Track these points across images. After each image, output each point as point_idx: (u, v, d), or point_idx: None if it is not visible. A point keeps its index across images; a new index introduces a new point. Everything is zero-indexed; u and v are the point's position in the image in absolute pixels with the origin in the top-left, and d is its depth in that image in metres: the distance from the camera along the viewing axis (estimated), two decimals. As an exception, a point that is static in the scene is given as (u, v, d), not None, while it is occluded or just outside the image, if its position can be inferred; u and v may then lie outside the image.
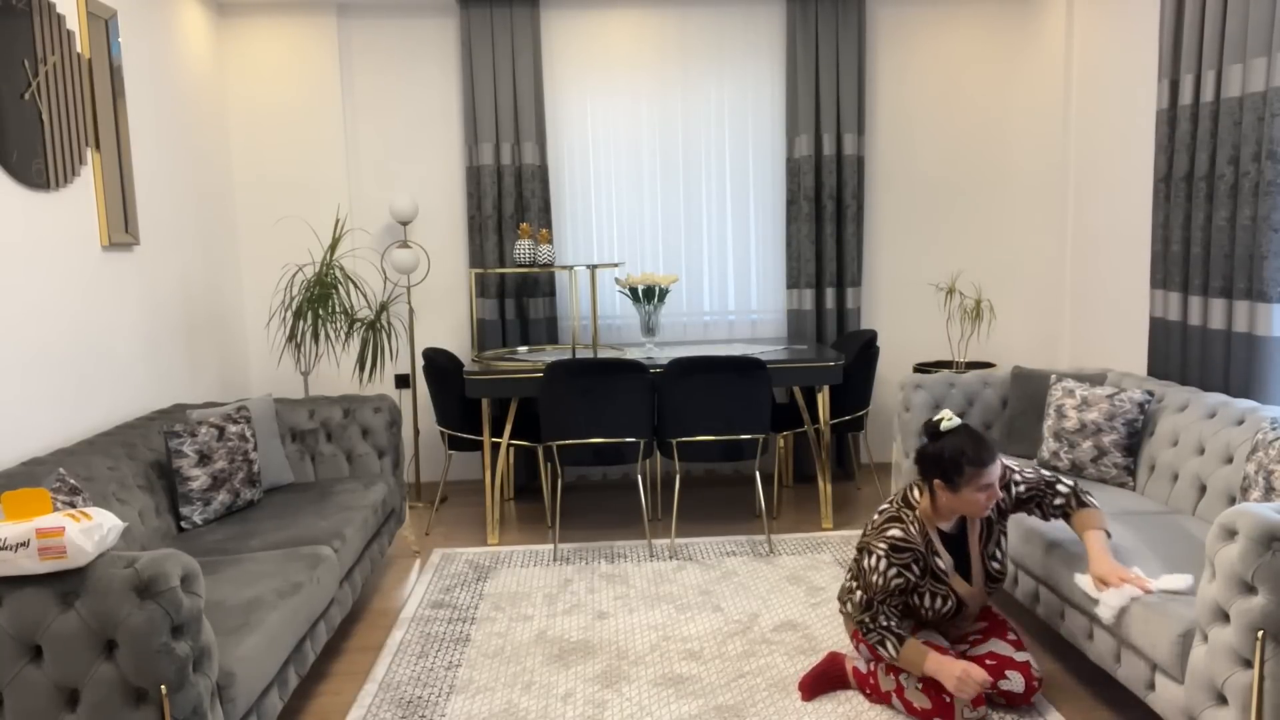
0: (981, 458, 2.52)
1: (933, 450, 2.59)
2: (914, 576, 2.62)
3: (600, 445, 4.06)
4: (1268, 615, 1.97)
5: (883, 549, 2.61)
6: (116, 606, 1.95)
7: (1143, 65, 4.03)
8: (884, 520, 2.67)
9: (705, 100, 5.11)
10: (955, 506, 2.59)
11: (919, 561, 2.62)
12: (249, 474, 3.42)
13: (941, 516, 2.67)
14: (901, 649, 2.60)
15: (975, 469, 2.51)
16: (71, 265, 3.30)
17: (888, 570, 2.60)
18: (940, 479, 2.57)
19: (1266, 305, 3.13)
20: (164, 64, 4.17)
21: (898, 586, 2.61)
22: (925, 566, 2.64)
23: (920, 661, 2.56)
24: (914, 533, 2.63)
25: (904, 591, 2.64)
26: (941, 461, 2.55)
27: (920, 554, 2.62)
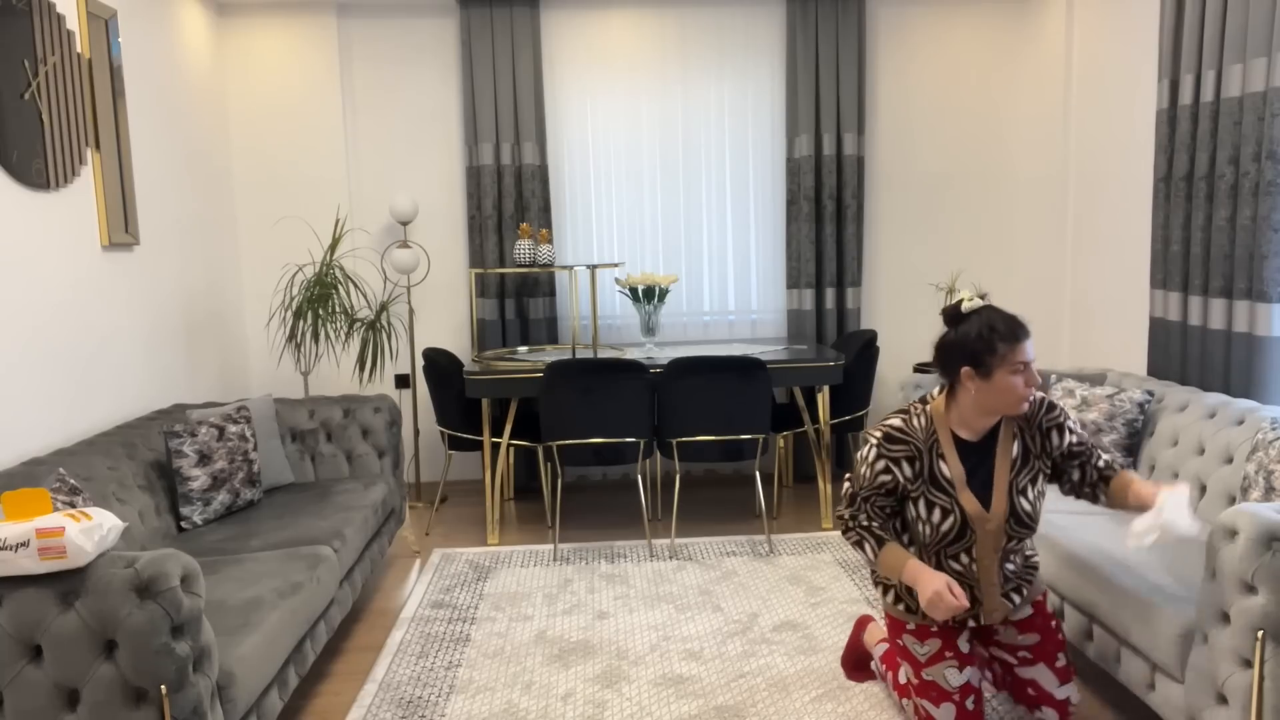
0: (1015, 332, 2.21)
1: (956, 335, 2.27)
2: (904, 477, 2.33)
3: (600, 445, 4.06)
4: (1268, 615, 1.97)
5: (876, 437, 2.35)
6: (116, 606, 1.95)
7: (1143, 65, 4.03)
8: (891, 413, 2.41)
9: (705, 100, 5.11)
10: (988, 400, 2.25)
11: (915, 461, 2.33)
12: (249, 474, 3.42)
13: (966, 418, 2.32)
14: (881, 551, 2.34)
15: (1009, 345, 2.20)
16: (71, 265, 3.30)
17: (875, 461, 2.34)
18: (969, 364, 2.24)
19: (1266, 305, 3.13)
20: (164, 64, 4.17)
21: (884, 485, 2.34)
22: (923, 469, 2.34)
23: (899, 567, 2.30)
24: (917, 426, 2.33)
25: (892, 493, 2.36)
26: (969, 343, 2.24)
27: (918, 451, 2.33)
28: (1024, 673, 2.48)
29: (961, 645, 2.46)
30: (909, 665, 2.50)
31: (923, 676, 2.46)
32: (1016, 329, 2.22)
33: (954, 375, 2.29)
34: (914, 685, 2.49)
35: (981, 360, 2.23)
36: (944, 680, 2.43)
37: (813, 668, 2.98)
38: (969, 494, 2.32)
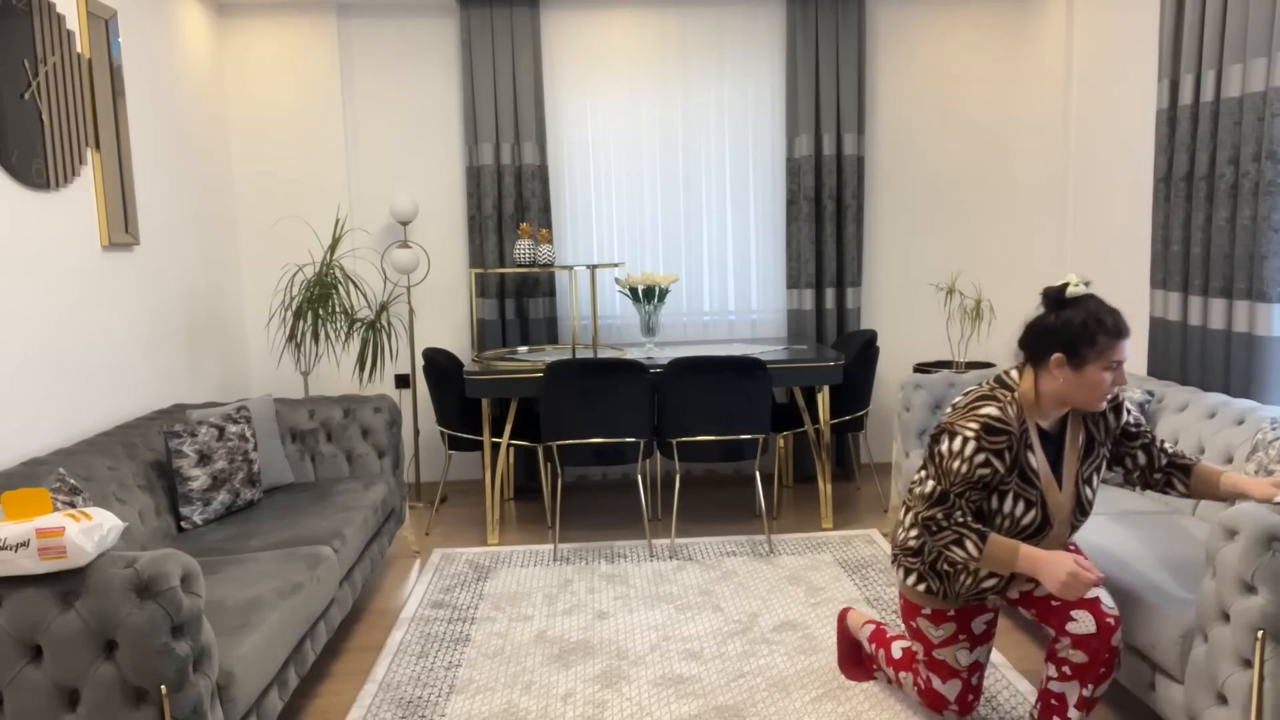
0: (1119, 328, 2.11)
1: (1058, 319, 2.15)
2: (1002, 468, 2.19)
3: (600, 445, 4.06)
4: (1268, 615, 1.97)
5: (973, 429, 2.17)
6: (116, 606, 1.95)
7: (1143, 65, 4.03)
8: (975, 399, 2.24)
9: (705, 100, 5.11)
10: (1069, 392, 2.17)
11: (1011, 450, 2.19)
12: (249, 474, 3.42)
13: (1045, 407, 2.23)
14: (985, 545, 2.16)
15: (1110, 340, 2.11)
16: (71, 265, 3.30)
17: (974, 455, 2.17)
18: (1064, 351, 2.14)
19: (1266, 305, 3.13)
20: (164, 64, 4.17)
21: (982, 478, 2.19)
22: (1016, 461, 2.22)
23: (1011, 558, 2.14)
24: (1012, 415, 2.19)
25: (986, 486, 2.21)
26: (1070, 330, 2.13)
27: (1015, 443, 2.20)
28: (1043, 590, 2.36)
29: (976, 627, 2.47)
30: (921, 644, 2.51)
31: (933, 655, 2.49)
32: (1121, 325, 2.13)
33: (1043, 361, 2.19)
34: (923, 661, 2.51)
35: (1078, 350, 2.13)
36: (954, 660, 2.47)
37: (813, 668, 2.98)
38: (1055, 487, 2.25)
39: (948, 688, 2.50)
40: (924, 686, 2.54)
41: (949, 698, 2.51)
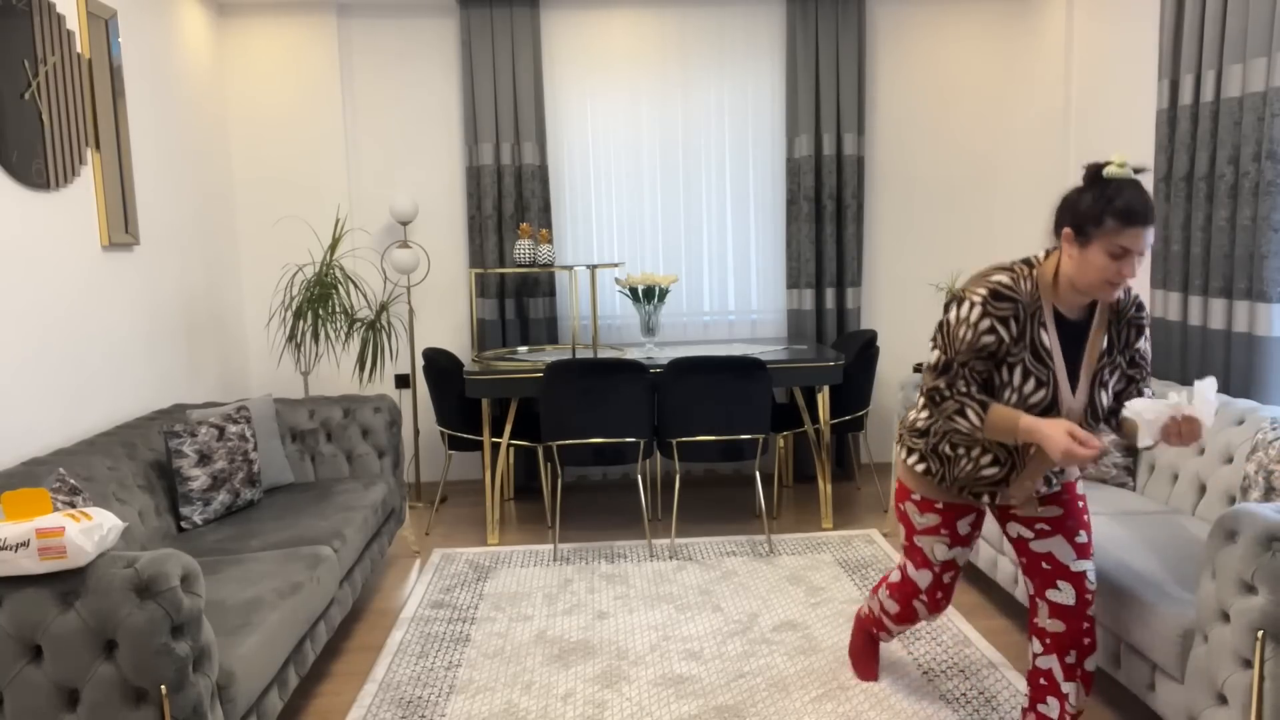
0: (1133, 211, 1.97)
1: (1079, 195, 2.08)
2: (1008, 337, 2.13)
3: (600, 445, 4.06)
4: (1268, 615, 1.97)
5: (981, 295, 2.12)
6: (116, 606, 1.95)
7: (1143, 65, 4.04)
8: (991, 269, 2.21)
9: (705, 100, 5.11)
10: (1075, 272, 2.09)
11: (1018, 321, 2.13)
12: (249, 474, 3.42)
13: (1061, 289, 2.15)
14: (987, 415, 2.13)
15: (1119, 223, 1.98)
16: (71, 265, 3.30)
17: (979, 321, 2.12)
18: (1071, 226, 2.07)
19: (1266, 305, 3.13)
20: (164, 64, 4.17)
21: (987, 347, 2.13)
22: (1025, 333, 2.14)
23: (1013, 426, 2.10)
24: (1024, 287, 2.14)
25: (991, 356, 2.15)
26: (1082, 205, 2.05)
27: (1024, 313, 2.13)
28: (1039, 546, 2.33)
29: (960, 527, 2.46)
30: (905, 527, 2.56)
31: (914, 540, 2.54)
32: (1134, 211, 1.98)
33: (1058, 234, 2.11)
34: (905, 545, 2.58)
35: (1084, 228, 2.04)
36: (930, 552, 2.52)
37: (813, 668, 2.98)
38: (1065, 373, 2.17)
39: (919, 575, 2.56)
40: (899, 579, 2.60)
41: (920, 585, 2.57)
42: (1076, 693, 2.34)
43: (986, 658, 3.02)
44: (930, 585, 2.57)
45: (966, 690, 2.82)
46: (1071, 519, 2.33)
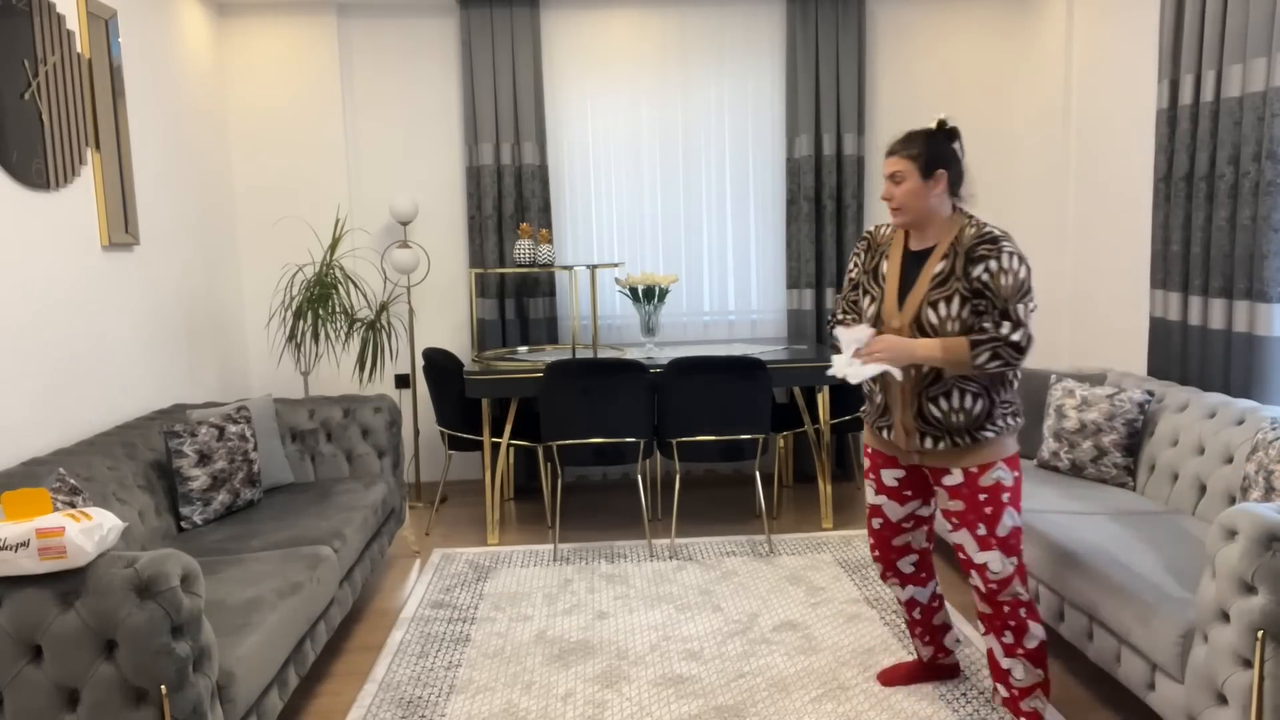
0: (891, 145, 2.50)
1: None
2: (858, 266, 2.63)
3: (600, 445, 4.06)
4: (1268, 615, 1.97)
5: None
6: (116, 606, 1.95)
7: (1143, 65, 4.04)
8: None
9: (705, 100, 5.11)
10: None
11: (868, 252, 2.61)
12: (249, 474, 3.42)
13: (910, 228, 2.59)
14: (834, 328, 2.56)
15: (887, 156, 2.52)
16: (71, 265, 3.30)
17: (851, 259, 2.70)
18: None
19: (1266, 305, 3.13)
20: (164, 64, 4.17)
21: (851, 279, 2.65)
22: (871, 263, 2.59)
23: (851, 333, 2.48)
24: (885, 231, 2.61)
25: (856, 286, 2.64)
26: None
27: (873, 248, 2.60)
28: (952, 537, 2.54)
29: (886, 477, 2.66)
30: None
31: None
32: (893, 143, 2.50)
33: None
34: None
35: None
36: (867, 496, 2.75)
37: (813, 668, 2.98)
38: (895, 294, 2.50)
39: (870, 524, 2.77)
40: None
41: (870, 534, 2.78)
42: (1023, 669, 2.50)
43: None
44: (870, 533, 2.76)
45: (966, 690, 2.82)
46: (973, 513, 2.45)
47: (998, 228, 2.42)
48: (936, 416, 2.45)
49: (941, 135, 2.48)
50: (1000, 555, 2.43)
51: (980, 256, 2.38)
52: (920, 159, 2.44)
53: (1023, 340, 2.33)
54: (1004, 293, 2.35)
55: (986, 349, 2.33)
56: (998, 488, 2.43)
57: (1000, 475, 2.43)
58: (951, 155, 2.47)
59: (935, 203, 2.46)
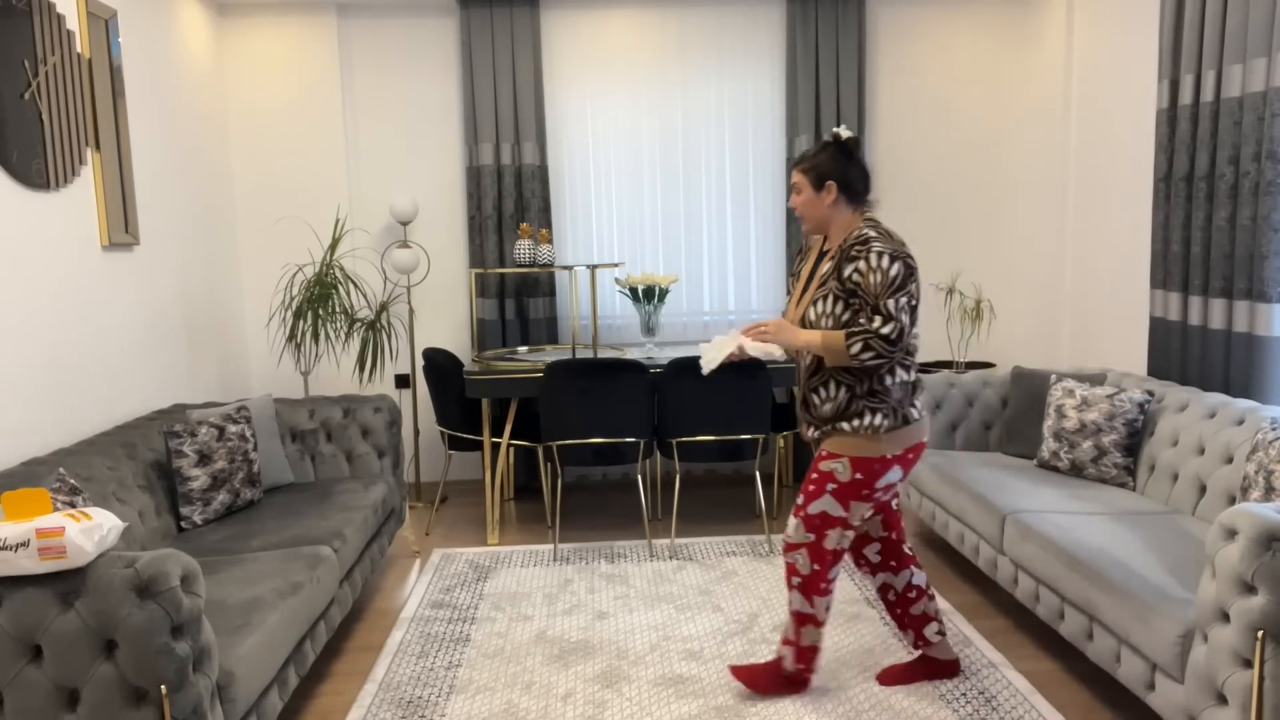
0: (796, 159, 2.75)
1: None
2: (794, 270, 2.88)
3: (600, 445, 4.06)
4: (1268, 615, 1.97)
5: None
6: (116, 606, 1.95)
7: (1143, 65, 4.04)
8: None
9: (705, 100, 5.11)
10: None
11: (800, 258, 2.86)
12: (249, 474, 3.42)
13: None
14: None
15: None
16: (71, 265, 3.30)
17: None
18: None
19: (1266, 305, 3.13)
20: (164, 64, 4.17)
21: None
22: (798, 266, 2.84)
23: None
24: (815, 238, 2.82)
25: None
26: None
27: (804, 253, 2.85)
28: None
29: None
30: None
31: None
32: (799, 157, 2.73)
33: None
34: None
35: None
36: None
37: (813, 668, 2.98)
38: (798, 290, 2.75)
39: None
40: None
41: None
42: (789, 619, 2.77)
43: (986, 658, 3.02)
44: None
45: (966, 690, 2.82)
46: (806, 481, 2.70)
47: (878, 230, 2.56)
48: (814, 404, 2.67)
49: (835, 148, 2.66)
50: (800, 525, 2.68)
51: (852, 257, 2.56)
52: (811, 172, 2.66)
53: (892, 333, 2.48)
54: (874, 289, 2.51)
55: (859, 339, 2.50)
56: (828, 476, 2.63)
57: (836, 468, 2.62)
58: (842, 166, 2.64)
59: (829, 211, 2.66)
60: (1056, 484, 3.42)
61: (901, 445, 2.60)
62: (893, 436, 2.58)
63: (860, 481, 2.60)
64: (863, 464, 2.59)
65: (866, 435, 2.58)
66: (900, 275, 2.50)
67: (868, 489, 2.61)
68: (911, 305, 2.51)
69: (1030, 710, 2.69)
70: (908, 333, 2.50)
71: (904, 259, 2.51)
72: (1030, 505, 3.19)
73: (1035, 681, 2.88)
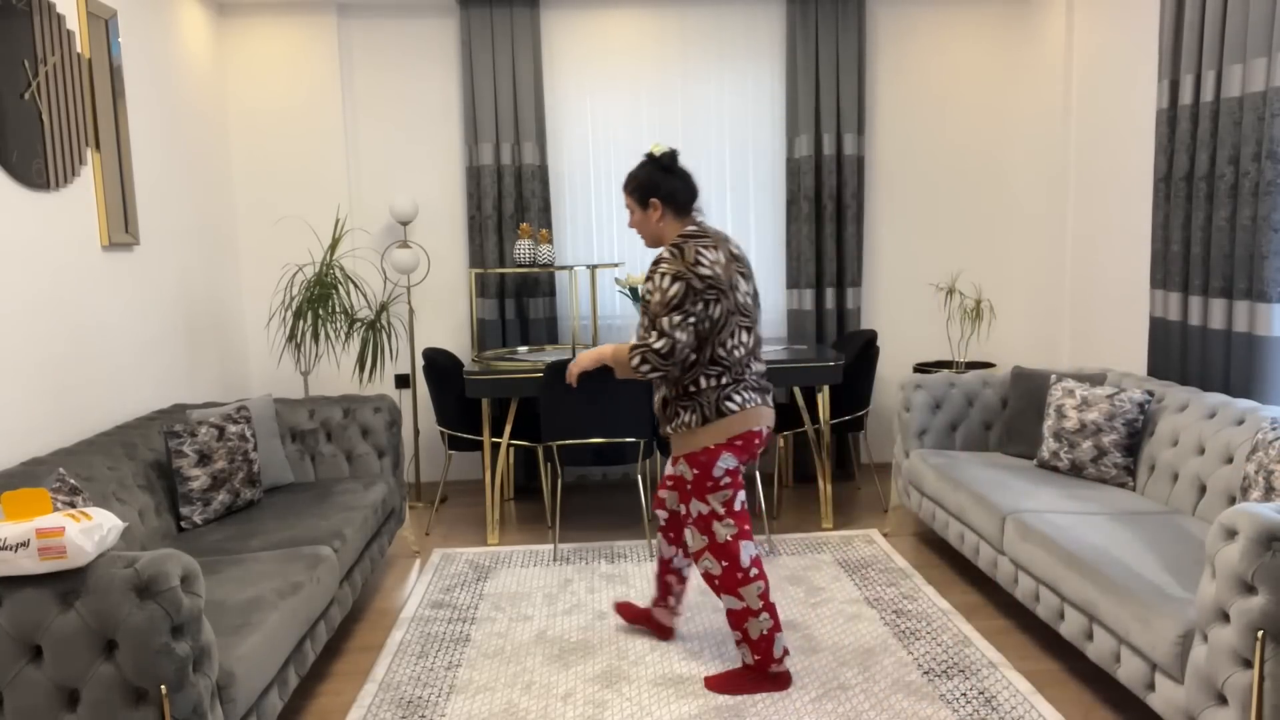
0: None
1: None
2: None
3: (600, 445, 4.06)
4: (1268, 615, 1.97)
5: None
6: (116, 606, 1.95)
7: (1143, 65, 4.04)
8: None
9: (705, 100, 5.11)
10: None
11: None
12: (249, 474, 3.42)
13: None
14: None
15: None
16: (71, 265, 3.30)
17: None
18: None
19: (1266, 305, 3.13)
20: (164, 64, 4.17)
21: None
22: None
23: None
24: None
25: None
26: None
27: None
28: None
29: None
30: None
31: None
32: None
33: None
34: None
35: None
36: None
37: (813, 668, 2.98)
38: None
39: None
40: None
41: None
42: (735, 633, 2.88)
43: (986, 658, 3.02)
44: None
45: (966, 690, 2.82)
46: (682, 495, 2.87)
47: (677, 248, 2.70)
48: (661, 401, 2.86)
49: (652, 165, 2.77)
50: (694, 531, 2.84)
51: (648, 275, 2.72)
52: (636, 193, 2.79)
53: (664, 349, 2.65)
54: (654, 307, 2.68)
55: (638, 353, 2.68)
56: (680, 481, 2.85)
57: (683, 470, 2.82)
58: (662, 181, 2.76)
59: (660, 226, 2.80)
60: (1056, 484, 3.43)
61: (725, 434, 2.76)
62: (710, 429, 2.76)
63: (700, 475, 2.79)
64: (693, 459, 2.79)
65: (685, 433, 2.79)
66: (678, 295, 2.65)
67: (710, 479, 2.78)
68: (691, 323, 2.67)
69: (1030, 710, 2.69)
70: (681, 349, 2.67)
71: (686, 279, 2.65)
72: (1030, 505, 3.19)
73: (1035, 681, 2.88)
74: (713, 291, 2.67)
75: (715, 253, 2.72)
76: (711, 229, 2.84)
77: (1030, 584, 3.01)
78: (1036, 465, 3.70)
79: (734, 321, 2.73)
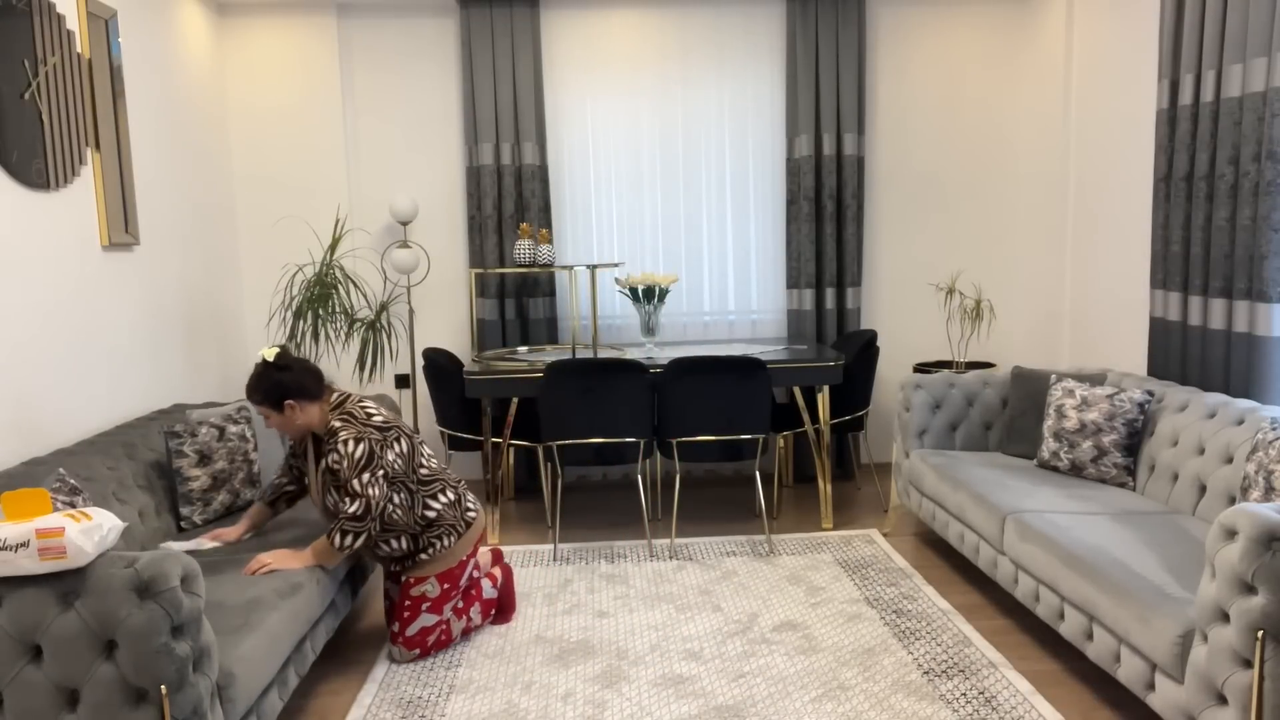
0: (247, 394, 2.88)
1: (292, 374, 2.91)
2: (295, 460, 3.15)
3: (600, 445, 4.06)
4: (1268, 615, 1.97)
5: None
6: (116, 606, 1.95)
7: (1143, 65, 4.04)
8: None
9: (705, 100, 5.11)
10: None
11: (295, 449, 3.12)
12: (249, 474, 3.42)
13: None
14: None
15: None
16: (71, 265, 3.30)
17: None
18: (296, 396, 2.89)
19: (1266, 305, 3.13)
20: (164, 64, 4.17)
21: (293, 450, 3.15)
22: (301, 446, 3.06)
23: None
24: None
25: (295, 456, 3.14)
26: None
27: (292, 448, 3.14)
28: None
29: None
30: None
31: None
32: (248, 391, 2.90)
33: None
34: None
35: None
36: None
37: (813, 668, 2.98)
38: (312, 475, 2.97)
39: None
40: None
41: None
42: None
43: (986, 658, 3.02)
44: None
45: (966, 690, 2.82)
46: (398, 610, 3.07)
47: (344, 417, 2.81)
48: (385, 553, 3.00)
49: (268, 370, 2.80)
50: (402, 649, 3.05)
51: (327, 451, 2.81)
52: (266, 403, 2.82)
53: (359, 510, 2.76)
54: (345, 474, 2.77)
55: (338, 531, 2.76)
56: (420, 600, 3.02)
57: (426, 589, 3.02)
58: (285, 381, 2.80)
59: (304, 419, 2.86)
60: (1056, 484, 3.43)
61: (470, 544, 3.06)
62: (463, 542, 3.03)
63: (448, 589, 3.05)
64: (447, 575, 3.03)
65: (443, 556, 3.00)
66: (364, 454, 2.78)
67: (455, 590, 3.07)
68: (381, 474, 2.80)
69: (1030, 710, 2.69)
70: (375, 503, 2.78)
71: (368, 438, 2.79)
72: (1030, 505, 3.19)
73: (1035, 681, 2.88)
74: (392, 431, 2.87)
75: (370, 401, 2.94)
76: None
77: (1030, 584, 3.01)
78: (1036, 465, 3.70)
79: (417, 440, 2.97)
